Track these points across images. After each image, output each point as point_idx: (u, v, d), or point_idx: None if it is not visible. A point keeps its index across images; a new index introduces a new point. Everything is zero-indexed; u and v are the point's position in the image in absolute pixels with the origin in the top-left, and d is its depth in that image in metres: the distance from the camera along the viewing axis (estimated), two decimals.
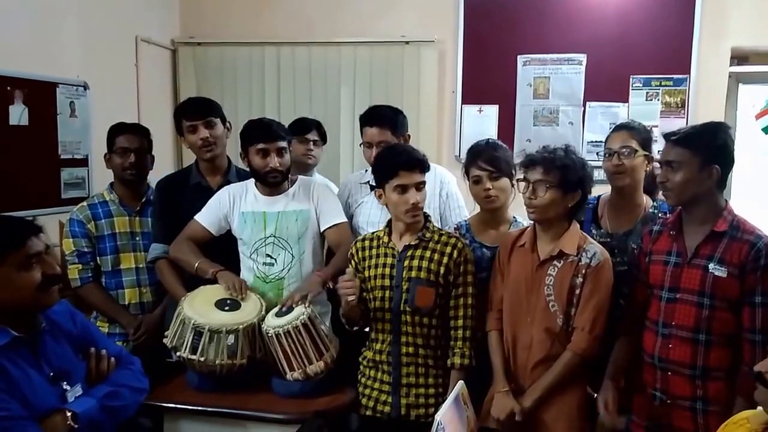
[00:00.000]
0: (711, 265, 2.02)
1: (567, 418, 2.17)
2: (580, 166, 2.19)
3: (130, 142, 2.84)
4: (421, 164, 2.26)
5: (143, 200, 2.92)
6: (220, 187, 2.80)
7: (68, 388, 1.83)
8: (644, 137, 2.42)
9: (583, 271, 2.15)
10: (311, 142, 3.30)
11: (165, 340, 2.47)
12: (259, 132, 2.58)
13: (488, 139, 2.56)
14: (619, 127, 2.49)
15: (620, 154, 2.39)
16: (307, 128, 3.33)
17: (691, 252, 2.08)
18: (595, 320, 2.14)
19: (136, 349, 2.71)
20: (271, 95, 4.35)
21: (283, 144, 2.60)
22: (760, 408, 1.59)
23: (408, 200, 2.23)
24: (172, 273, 2.72)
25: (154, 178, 3.00)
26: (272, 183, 2.62)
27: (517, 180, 2.27)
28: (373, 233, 2.43)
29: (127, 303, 2.84)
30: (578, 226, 2.27)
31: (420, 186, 2.25)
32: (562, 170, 2.15)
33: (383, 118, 2.80)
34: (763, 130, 3.66)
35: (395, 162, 2.27)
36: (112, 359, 2.00)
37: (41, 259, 1.78)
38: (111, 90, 3.79)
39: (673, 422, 2.10)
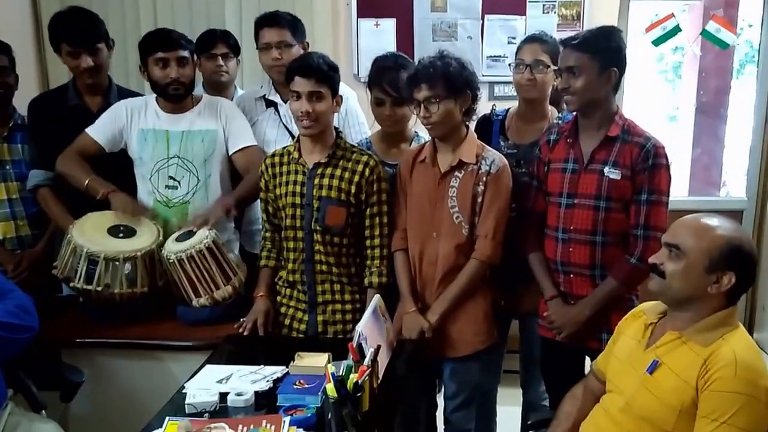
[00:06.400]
0: (606, 169, 2.19)
1: (474, 324, 2.31)
2: (461, 68, 2.23)
3: None
4: (316, 73, 2.22)
5: (10, 124, 2.77)
6: (100, 108, 2.70)
7: None
8: (555, 51, 2.47)
9: (484, 179, 2.25)
10: (219, 57, 3.06)
11: (54, 272, 2.42)
12: (158, 41, 2.53)
13: (397, 55, 2.53)
14: (530, 39, 2.54)
15: (532, 68, 2.45)
16: (211, 43, 3.07)
17: (587, 158, 2.23)
18: (497, 226, 2.26)
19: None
20: (146, 9, 4.05)
21: (185, 53, 2.55)
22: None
23: (298, 108, 2.23)
24: (57, 201, 2.64)
25: (18, 102, 2.82)
26: (173, 96, 2.55)
27: (407, 103, 2.30)
28: (283, 148, 2.42)
29: (1, 238, 2.72)
30: (475, 135, 2.35)
31: (315, 95, 2.22)
32: (446, 78, 2.18)
33: (281, 19, 2.79)
34: (653, 42, 3.90)
35: (291, 66, 2.29)
36: None
37: None
38: None
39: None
